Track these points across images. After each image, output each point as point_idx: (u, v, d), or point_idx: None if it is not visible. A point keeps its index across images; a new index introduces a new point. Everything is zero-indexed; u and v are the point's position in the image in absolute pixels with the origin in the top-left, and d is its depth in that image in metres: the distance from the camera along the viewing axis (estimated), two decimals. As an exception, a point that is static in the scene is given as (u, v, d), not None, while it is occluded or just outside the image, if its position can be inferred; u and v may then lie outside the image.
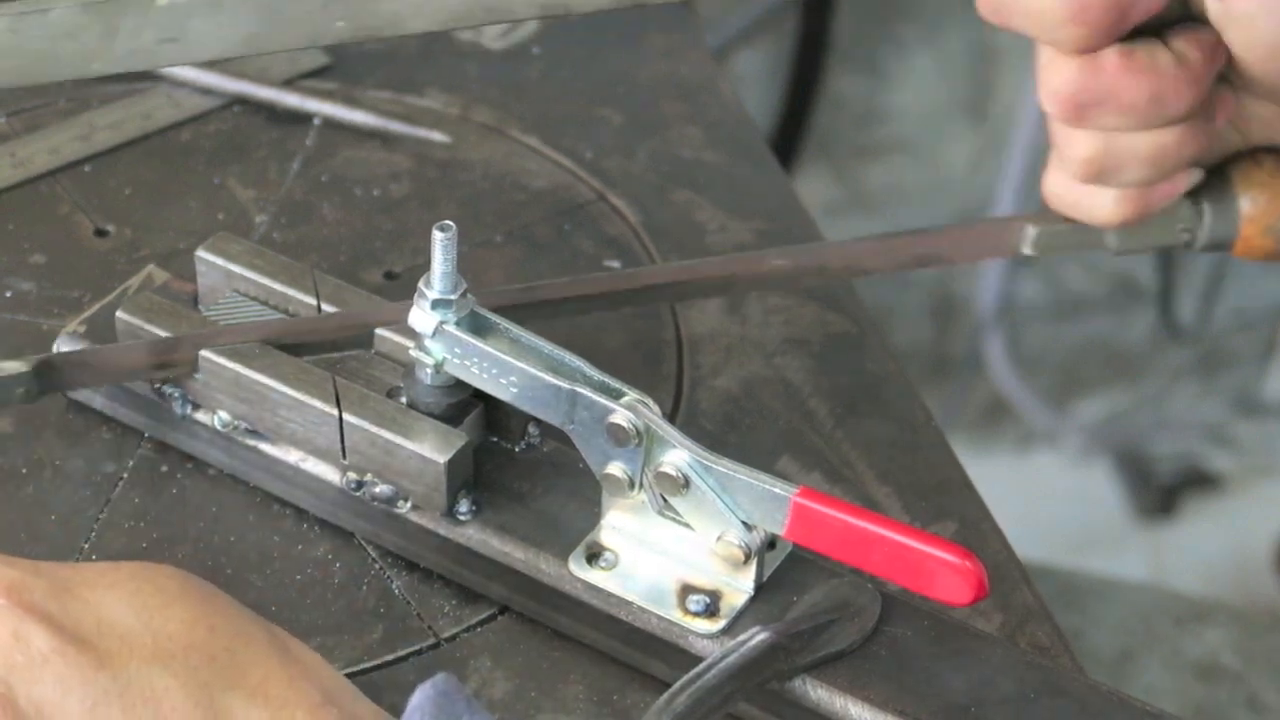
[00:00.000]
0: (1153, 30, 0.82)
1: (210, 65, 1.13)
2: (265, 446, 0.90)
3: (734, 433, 0.97)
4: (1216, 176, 0.89)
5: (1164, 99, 0.82)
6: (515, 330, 0.85)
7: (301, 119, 1.13)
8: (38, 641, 0.71)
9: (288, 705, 0.73)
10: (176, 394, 0.91)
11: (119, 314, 0.91)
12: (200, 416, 0.91)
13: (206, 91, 1.13)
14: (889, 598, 0.84)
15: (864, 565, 0.80)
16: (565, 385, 0.83)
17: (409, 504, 0.88)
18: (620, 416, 0.82)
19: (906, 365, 1.05)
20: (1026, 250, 0.90)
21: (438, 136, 1.12)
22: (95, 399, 0.94)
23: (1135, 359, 2.24)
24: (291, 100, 1.13)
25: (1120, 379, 2.26)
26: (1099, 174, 0.85)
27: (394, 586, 0.89)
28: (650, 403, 0.83)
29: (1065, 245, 0.91)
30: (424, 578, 0.89)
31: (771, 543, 0.84)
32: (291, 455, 0.90)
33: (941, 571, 0.77)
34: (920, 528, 0.84)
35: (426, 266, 0.83)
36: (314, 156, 1.11)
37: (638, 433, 0.82)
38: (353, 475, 0.88)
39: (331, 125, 1.13)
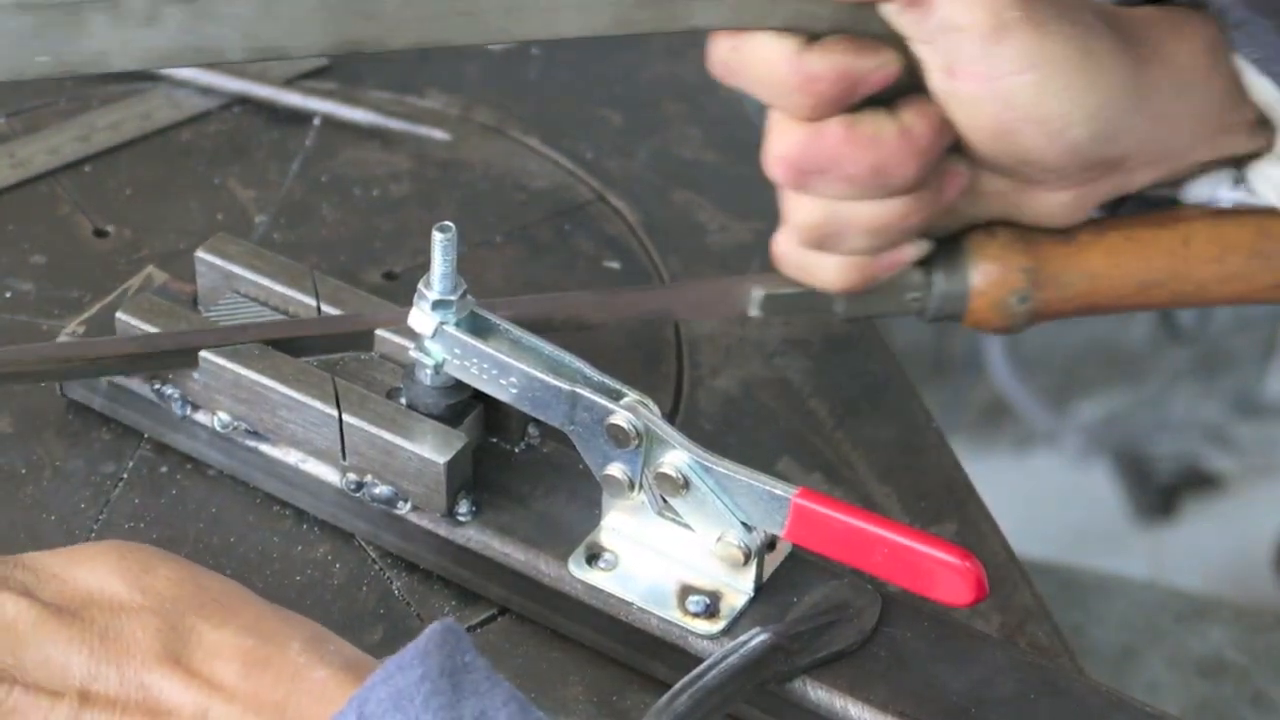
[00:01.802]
0: (883, 100, 0.82)
1: (210, 65, 1.13)
2: (265, 447, 0.90)
3: (734, 433, 0.97)
4: (950, 247, 0.89)
5: (886, 170, 0.82)
6: (515, 331, 0.85)
7: (301, 119, 1.13)
8: (23, 614, 0.74)
9: (280, 636, 0.74)
10: (176, 395, 0.91)
11: (119, 315, 0.91)
12: (200, 417, 0.91)
13: (206, 91, 1.13)
14: (889, 598, 0.84)
15: (864, 566, 0.80)
16: (565, 386, 0.83)
17: (409, 505, 0.88)
18: (620, 417, 0.82)
19: (906, 365, 1.05)
20: (753, 311, 0.91)
21: (439, 134, 1.12)
22: (95, 399, 0.94)
23: (1135, 359, 2.24)
24: (291, 100, 1.13)
25: (1120, 379, 2.25)
26: (822, 240, 0.85)
27: (394, 587, 0.89)
28: (650, 403, 0.83)
29: (792, 308, 0.91)
30: (424, 579, 0.89)
31: (771, 543, 0.84)
32: (291, 456, 0.90)
33: (941, 572, 0.77)
34: (920, 528, 0.84)
35: (426, 267, 0.83)
36: (314, 157, 1.11)
37: (637, 434, 0.82)
38: (352, 476, 0.88)
39: (331, 126, 1.12)
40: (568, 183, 1.11)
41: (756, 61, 0.81)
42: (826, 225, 0.85)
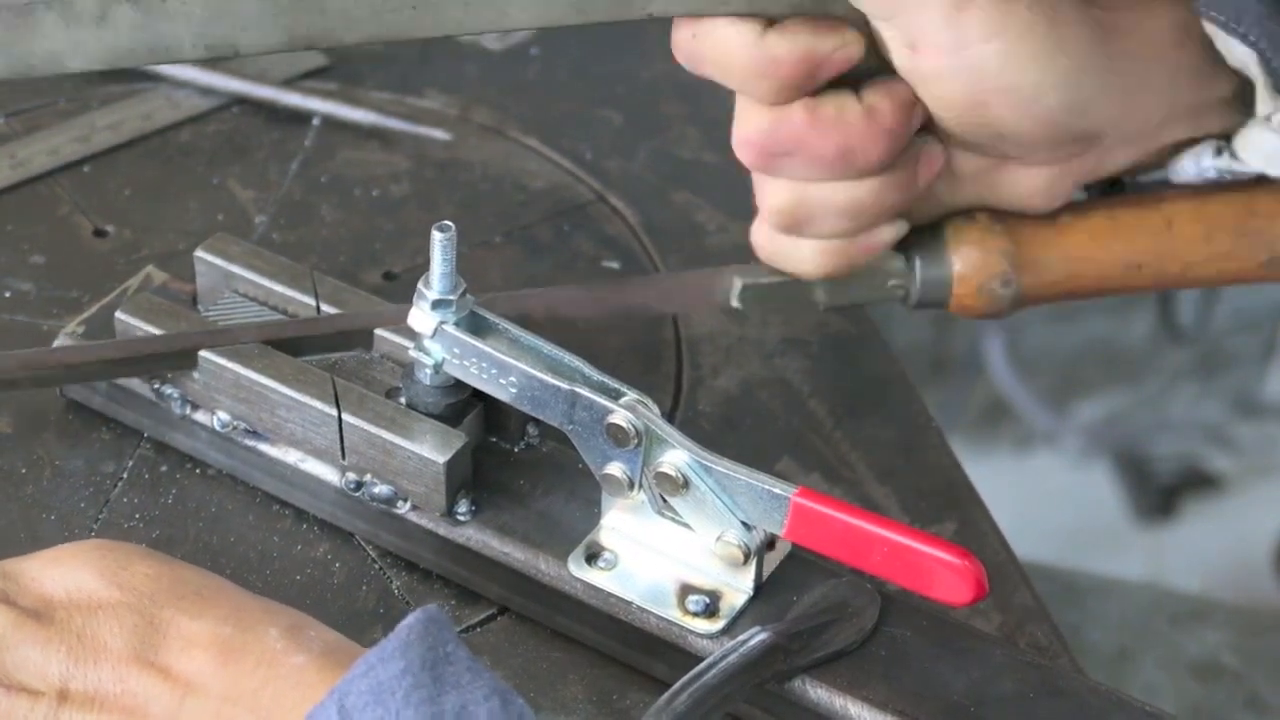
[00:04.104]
0: (849, 82, 0.82)
1: (210, 65, 1.13)
2: (264, 447, 0.90)
3: (734, 433, 0.97)
4: (930, 233, 0.88)
5: (853, 151, 0.82)
6: (514, 330, 0.85)
7: (301, 119, 1.13)
8: (1, 620, 0.75)
9: (261, 624, 0.75)
10: (175, 394, 0.91)
11: (118, 314, 0.91)
12: (199, 417, 0.91)
13: (206, 91, 1.13)
14: (888, 598, 0.84)
15: (863, 565, 0.80)
16: (564, 385, 0.83)
17: (408, 504, 0.88)
18: (619, 417, 0.82)
19: (906, 365, 1.05)
20: (734, 302, 0.90)
21: (439, 134, 1.12)
22: (94, 399, 0.94)
23: (1135, 359, 2.24)
24: (291, 100, 1.13)
25: (1120, 380, 2.25)
26: (794, 224, 0.85)
27: (393, 587, 0.89)
28: (649, 403, 0.83)
29: (772, 298, 0.90)
30: (423, 578, 0.89)
31: (771, 543, 0.84)
32: (291, 455, 0.90)
33: (940, 571, 0.77)
34: (920, 528, 0.84)
35: (426, 267, 0.83)
36: (313, 157, 1.11)
37: (637, 433, 0.82)
38: (352, 475, 0.88)
39: (331, 126, 1.12)
40: (567, 183, 1.11)
41: (717, 47, 0.81)
42: (798, 208, 0.85)
